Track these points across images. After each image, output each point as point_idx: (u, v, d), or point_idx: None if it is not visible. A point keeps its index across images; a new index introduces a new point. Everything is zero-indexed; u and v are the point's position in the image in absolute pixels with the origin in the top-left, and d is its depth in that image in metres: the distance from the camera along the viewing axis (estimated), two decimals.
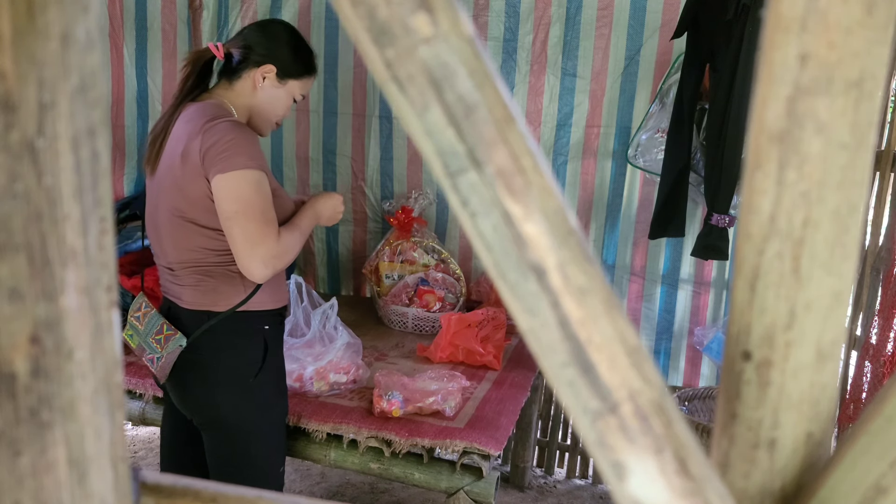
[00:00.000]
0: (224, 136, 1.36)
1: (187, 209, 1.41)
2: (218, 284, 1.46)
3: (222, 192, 1.35)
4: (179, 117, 1.46)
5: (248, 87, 1.51)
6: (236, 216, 1.35)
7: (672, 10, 2.24)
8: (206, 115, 1.42)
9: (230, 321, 1.46)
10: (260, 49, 1.50)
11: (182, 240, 1.45)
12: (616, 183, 2.44)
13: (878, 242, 1.98)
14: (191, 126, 1.41)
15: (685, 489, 0.42)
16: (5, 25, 0.36)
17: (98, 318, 0.42)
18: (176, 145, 1.42)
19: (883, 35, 0.40)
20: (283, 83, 1.53)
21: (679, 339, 2.51)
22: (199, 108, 1.46)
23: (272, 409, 1.55)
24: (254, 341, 1.49)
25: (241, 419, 1.49)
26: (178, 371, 1.48)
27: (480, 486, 1.57)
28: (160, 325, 1.49)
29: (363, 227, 2.72)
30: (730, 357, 0.47)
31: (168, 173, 1.44)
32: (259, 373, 1.49)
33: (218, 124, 1.38)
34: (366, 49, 0.40)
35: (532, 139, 0.41)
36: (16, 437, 0.40)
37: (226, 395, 1.48)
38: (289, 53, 1.53)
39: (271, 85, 1.52)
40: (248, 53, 1.50)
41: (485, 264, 0.43)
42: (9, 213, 0.38)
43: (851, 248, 0.44)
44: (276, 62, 1.50)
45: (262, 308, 1.50)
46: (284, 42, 1.53)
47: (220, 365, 1.47)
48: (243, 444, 1.51)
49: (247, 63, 1.50)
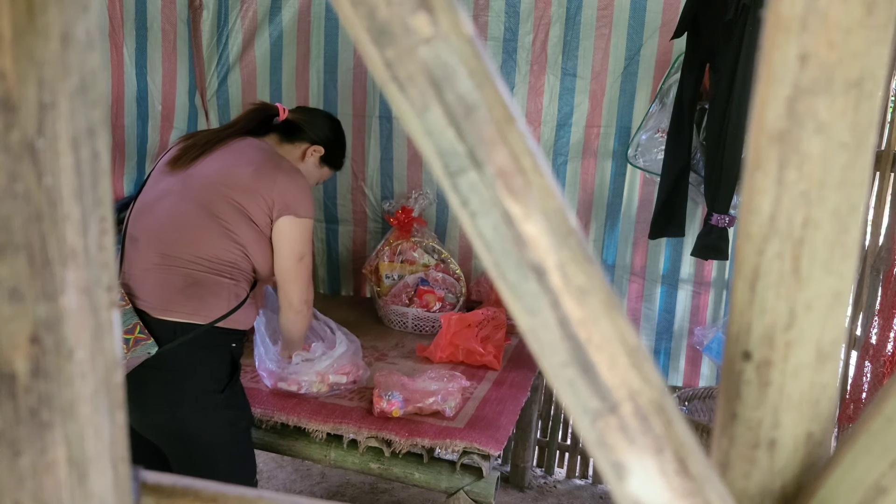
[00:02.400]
0: (305, 184, 1.59)
1: (231, 216, 1.50)
2: (204, 293, 1.46)
3: (296, 233, 1.55)
4: (241, 141, 1.62)
5: (296, 153, 1.74)
6: (304, 257, 1.57)
7: (672, 10, 2.24)
8: (280, 155, 1.64)
9: (204, 335, 1.46)
10: (318, 132, 1.77)
11: (203, 237, 1.48)
12: (616, 183, 2.44)
13: (878, 242, 1.98)
14: (267, 155, 1.59)
15: (685, 489, 0.42)
16: (5, 25, 0.36)
17: (98, 318, 0.42)
18: (243, 159, 1.56)
19: (883, 35, 0.40)
20: (321, 167, 1.81)
21: (679, 339, 2.51)
22: (267, 143, 1.67)
23: (238, 422, 1.56)
24: (223, 358, 1.52)
25: (208, 434, 1.49)
26: (141, 384, 1.42)
27: (480, 486, 1.57)
28: (133, 324, 1.43)
29: (363, 227, 2.72)
30: (730, 357, 0.47)
31: (217, 179, 1.52)
32: (225, 388, 1.50)
33: (297, 170, 1.62)
34: (366, 49, 0.40)
35: (532, 139, 0.41)
36: (16, 437, 0.40)
37: (192, 411, 1.46)
38: (338, 148, 1.84)
39: (314, 163, 1.78)
40: (310, 131, 1.75)
41: (485, 264, 0.43)
42: (9, 213, 0.38)
43: (851, 248, 0.44)
44: (326, 149, 1.78)
45: (235, 327, 1.53)
46: (340, 139, 1.84)
47: (187, 379, 1.46)
48: (210, 461, 1.50)
49: (304, 135, 1.75)
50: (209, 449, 1.50)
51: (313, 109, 1.88)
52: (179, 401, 1.46)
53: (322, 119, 1.81)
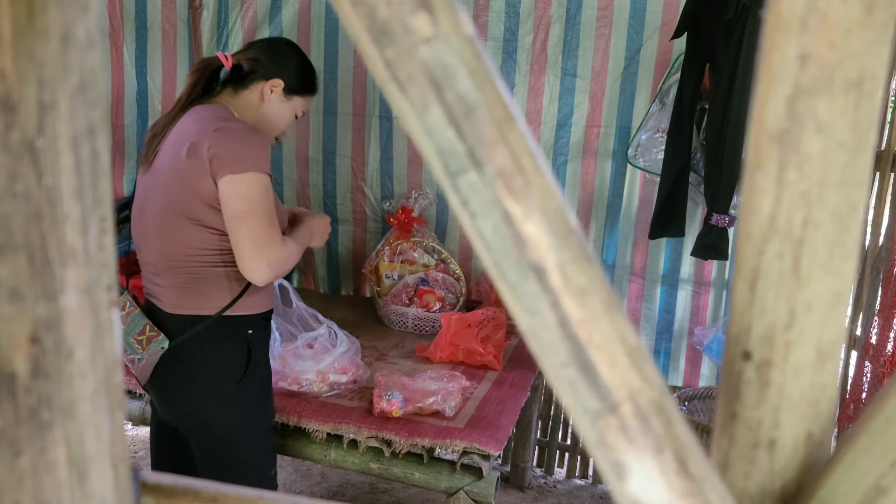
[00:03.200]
0: (239, 137, 1.39)
1: (188, 205, 1.41)
2: (205, 287, 1.44)
3: (232, 192, 1.36)
4: (185, 116, 1.47)
5: (255, 98, 1.55)
6: (245, 216, 1.35)
7: (672, 10, 2.24)
8: (219, 116, 1.44)
9: (214, 325, 1.45)
10: (269, 63, 1.54)
11: (174, 237, 1.43)
12: (616, 183, 2.44)
13: (878, 242, 1.98)
14: (201, 124, 1.42)
15: (685, 489, 0.42)
16: (5, 25, 0.36)
17: (98, 317, 0.42)
18: (182, 141, 1.42)
19: (883, 35, 0.40)
20: (289, 99, 1.58)
21: (679, 339, 2.51)
22: (208, 108, 1.48)
23: (257, 414, 1.54)
24: (237, 346, 1.48)
25: (226, 425, 1.49)
26: (161, 377, 1.47)
27: (480, 486, 1.57)
28: (143, 325, 1.47)
29: (363, 227, 2.72)
30: (730, 357, 0.47)
31: (168, 169, 1.44)
32: (242, 378, 1.48)
33: (232, 126, 1.41)
34: (366, 49, 0.40)
35: (532, 139, 0.41)
36: (16, 437, 0.40)
37: (210, 402, 1.47)
38: (296, 71, 1.58)
39: (278, 99, 1.56)
40: (257, 66, 1.54)
41: (485, 264, 0.43)
42: (9, 213, 0.38)
43: (851, 248, 0.44)
44: (284, 78, 1.55)
45: (248, 312, 1.49)
46: (292, 60, 1.58)
47: (203, 371, 1.46)
48: (230, 451, 1.50)
49: (255, 75, 1.54)
50: (227, 440, 1.50)
51: (258, 41, 1.64)
52: (196, 392, 1.47)
53: (267, 49, 1.58)
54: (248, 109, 1.55)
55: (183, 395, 1.48)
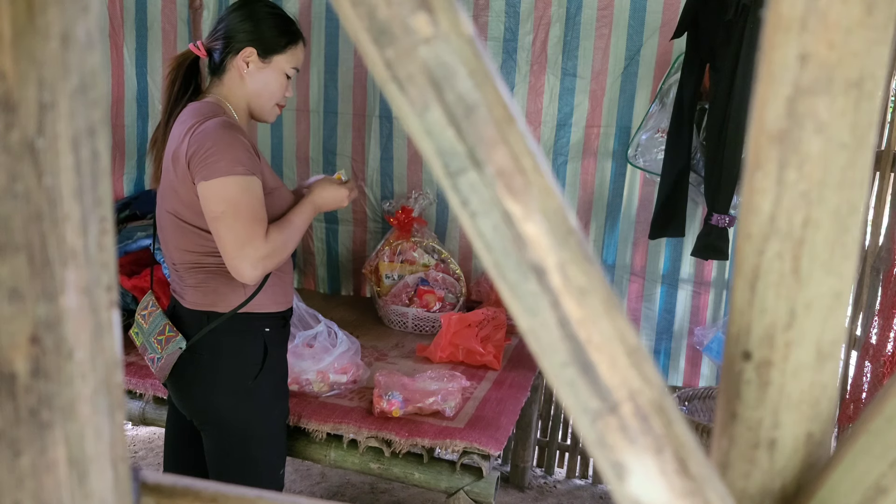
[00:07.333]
0: (206, 140, 1.33)
1: (181, 211, 1.43)
2: (218, 286, 1.46)
3: (208, 195, 1.34)
4: (176, 120, 1.46)
5: (235, 77, 1.46)
6: (223, 216, 1.33)
7: (672, 10, 2.24)
8: (195, 117, 1.39)
9: (230, 323, 1.46)
10: (236, 34, 1.44)
11: (181, 240, 1.46)
12: (616, 183, 2.44)
13: (878, 242, 1.98)
14: (180, 128, 1.40)
15: (685, 489, 0.42)
16: (5, 25, 0.36)
17: (98, 318, 0.42)
18: (170, 148, 1.44)
19: (883, 35, 0.40)
20: (268, 61, 1.47)
21: (679, 339, 2.51)
22: (192, 108, 1.44)
23: (271, 411, 1.55)
24: (254, 343, 1.49)
25: (241, 421, 1.49)
26: (179, 372, 1.49)
27: (480, 486, 1.57)
28: (163, 325, 1.50)
29: (363, 227, 2.72)
30: (730, 357, 0.47)
31: (165, 176, 1.46)
32: (258, 375, 1.49)
33: (202, 128, 1.35)
34: (366, 49, 0.40)
35: (532, 139, 0.41)
36: (16, 437, 0.40)
37: (225, 397, 1.48)
38: (266, 29, 1.45)
39: (256, 68, 1.46)
40: (227, 43, 1.45)
41: (485, 264, 0.43)
42: (9, 213, 0.38)
43: (851, 248, 0.44)
44: (255, 43, 1.44)
45: (264, 310, 1.49)
46: (258, 19, 1.45)
47: (219, 367, 1.47)
48: (242, 447, 1.51)
49: (226, 53, 1.45)
50: (241, 435, 1.50)
51: (221, 16, 1.51)
52: (211, 388, 1.47)
53: (229, 18, 1.46)
54: (235, 92, 1.48)
55: (199, 389, 1.49)
